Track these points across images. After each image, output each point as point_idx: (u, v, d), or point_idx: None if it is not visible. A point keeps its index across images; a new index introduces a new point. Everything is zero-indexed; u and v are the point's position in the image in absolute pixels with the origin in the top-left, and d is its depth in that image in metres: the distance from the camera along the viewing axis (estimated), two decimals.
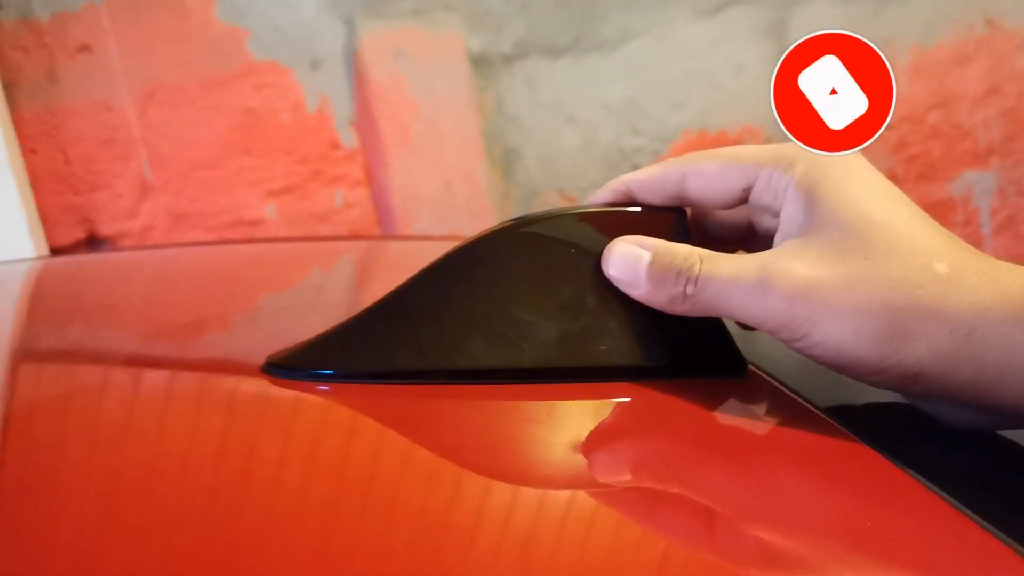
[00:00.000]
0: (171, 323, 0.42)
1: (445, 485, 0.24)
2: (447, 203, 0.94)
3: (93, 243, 0.92)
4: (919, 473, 0.24)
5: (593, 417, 0.29)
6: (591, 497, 0.24)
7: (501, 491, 0.24)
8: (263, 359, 0.31)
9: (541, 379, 0.30)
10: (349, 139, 0.93)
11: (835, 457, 0.26)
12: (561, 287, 0.30)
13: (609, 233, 0.31)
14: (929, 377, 0.26)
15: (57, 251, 0.91)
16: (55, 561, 0.20)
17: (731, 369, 0.31)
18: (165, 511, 0.22)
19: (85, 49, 0.89)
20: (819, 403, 0.29)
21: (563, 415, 0.29)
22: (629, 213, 0.31)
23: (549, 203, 0.95)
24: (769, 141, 0.93)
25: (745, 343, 0.32)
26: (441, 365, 0.30)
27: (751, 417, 0.29)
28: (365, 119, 0.92)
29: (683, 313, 0.29)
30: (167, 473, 0.25)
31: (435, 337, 0.30)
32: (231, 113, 0.91)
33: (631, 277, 0.30)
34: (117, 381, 0.33)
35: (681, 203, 0.31)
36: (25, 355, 0.38)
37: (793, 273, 0.27)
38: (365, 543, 0.21)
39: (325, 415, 0.29)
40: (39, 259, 0.83)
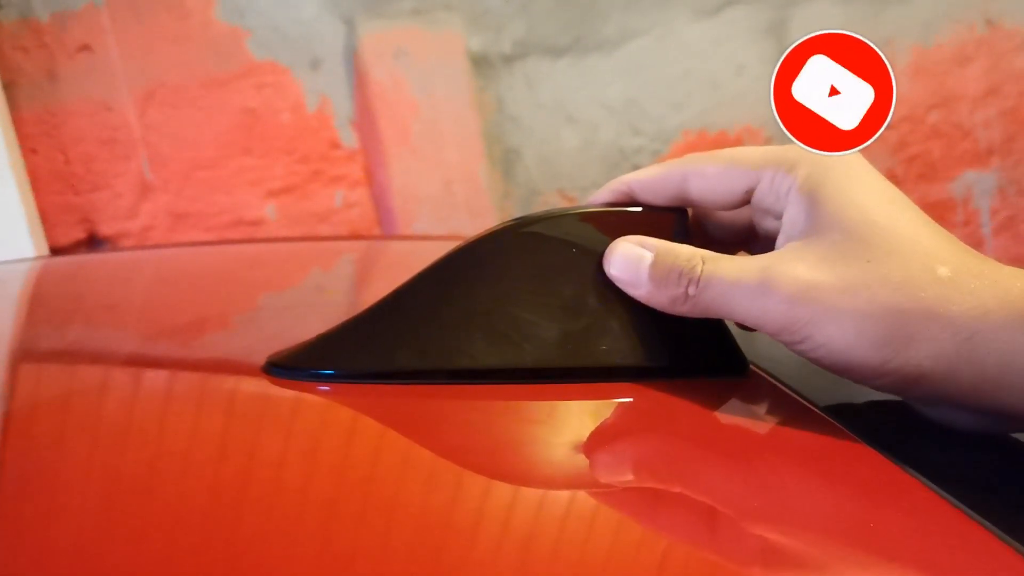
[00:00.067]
0: (171, 323, 0.42)
1: (446, 485, 0.24)
2: (447, 203, 0.94)
3: (93, 243, 0.92)
4: (919, 472, 0.24)
5: (594, 417, 0.29)
6: (593, 497, 0.24)
7: (502, 491, 0.24)
8: (264, 359, 0.31)
9: (542, 379, 0.30)
10: (349, 139, 0.93)
11: (836, 456, 0.26)
12: (562, 287, 0.30)
13: (610, 233, 0.31)
14: (930, 381, 0.26)
15: (57, 251, 0.91)
16: (55, 561, 0.20)
17: (732, 369, 0.31)
18: (166, 511, 0.22)
19: (85, 49, 0.89)
20: (820, 403, 0.29)
21: (564, 415, 0.29)
22: (630, 213, 0.31)
23: (549, 203, 0.95)
24: (769, 141, 0.93)
25: (746, 343, 0.32)
26: (442, 365, 0.30)
27: (752, 417, 0.29)
28: (365, 119, 0.92)
29: (684, 314, 0.29)
30: (168, 473, 0.25)
31: (436, 337, 0.30)
32: (231, 113, 0.91)
33: (633, 277, 0.30)
34: (117, 381, 0.33)
35: (682, 204, 0.31)
36: (25, 355, 0.38)
37: (795, 275, 0.27)
38: (366, 543, 0.21)
39: (326, 415, 0.29)
40: (39, 259, 0.83)
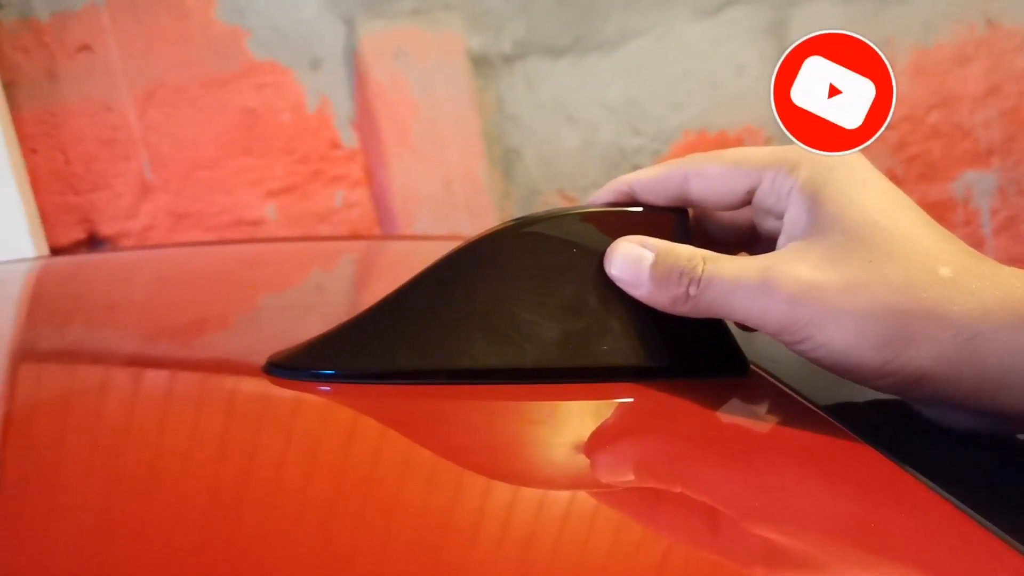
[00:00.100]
0: (172, 323, 0.42)
1: (446, 486, 0.24)
2: (447, 203, 0.94)
3: (93, 243, 0.92)
4: (920, 472, 0.24)
5: (595, 417, 0.29)
6: (594, 497, 0.24)
7: (503, 492, 0.24)
8: (264, 359, 0.31)
9: (543, 379, 0.30)
10: (349, 139, 0.93)
11: (837, 456, 0.26)
12: (563, 287, 0.30)
13: (611, 233, 0.31)
14: (931, 381, 0.26)
15: (57, 251, 0.91)
16: (55, 561, 0.20)
17: (733, 369, 0.31)
18: (166, 511, 0.22)
19: (85, 49, 0.89)
20: (820, 403, 0.29)
21: (565, 415, 0.29)
22: (631, 213, 0.31)
23: (549, 203, 0.95)
24: (769, 141, 0.93)
25: (746, 343, 0.32)
26: (442, 365, 0.30)
27: (753, 417, 0.29)
28: (365, 119, 0.92)
29: (685, 314, 0.29)
30: (168, 473, 0.25)
31: (436, 337, 0.30)
32: (231, 113, 0.91)
33: (634, 277, 0.30)
34: (118, 381, 0.33)
35: (683, 204, 0.31)
36: (25, 355, 0.38)
37: (796, 275, 0.27)
38: (366, 543, 0.21)
39: (326, 415, 0.29)
40: (39, 259, 0.83)
